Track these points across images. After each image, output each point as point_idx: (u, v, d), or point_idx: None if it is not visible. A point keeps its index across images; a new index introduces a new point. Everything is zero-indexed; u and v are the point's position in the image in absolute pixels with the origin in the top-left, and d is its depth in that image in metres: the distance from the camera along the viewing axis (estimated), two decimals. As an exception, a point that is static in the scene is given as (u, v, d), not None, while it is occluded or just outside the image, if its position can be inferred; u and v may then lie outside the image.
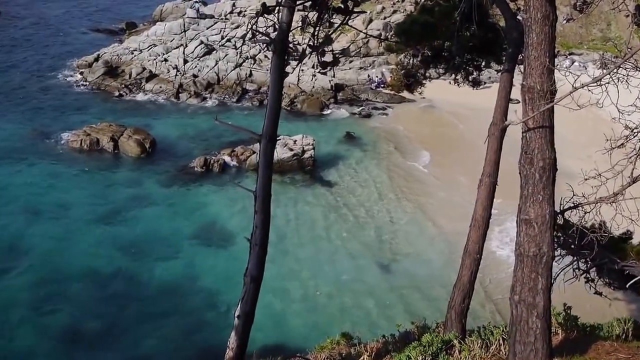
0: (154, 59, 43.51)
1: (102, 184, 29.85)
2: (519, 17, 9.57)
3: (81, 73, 43.10)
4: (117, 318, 21.11)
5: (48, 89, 40.85)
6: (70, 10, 59.24)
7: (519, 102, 7.03)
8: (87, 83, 41.90)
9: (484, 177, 9.69)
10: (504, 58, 10.46)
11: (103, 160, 32.09)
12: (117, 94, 40.57)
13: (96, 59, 43.90)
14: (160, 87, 41.33)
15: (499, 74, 10.28)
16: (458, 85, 12.61)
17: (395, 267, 24.64)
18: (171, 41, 45.19)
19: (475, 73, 12.26)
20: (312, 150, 32.28)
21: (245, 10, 48.37)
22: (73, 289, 22.44)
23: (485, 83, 13.57)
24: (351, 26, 9.33)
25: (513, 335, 6.95)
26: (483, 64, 12.09)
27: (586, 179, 7.31)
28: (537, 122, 6.42)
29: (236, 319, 6.93)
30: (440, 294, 22.58)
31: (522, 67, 6.86)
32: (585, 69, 41.61)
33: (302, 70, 41.56)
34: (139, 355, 19.59)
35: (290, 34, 7.45)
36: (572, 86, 6.08)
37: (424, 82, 13.31)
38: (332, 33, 8.70)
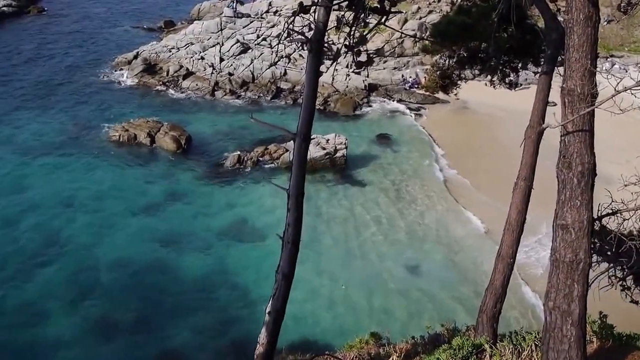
0: (191, 57, 44.11)
1: (139, 179, 30.42)
2: (559, 18, 9.41)
3: (121, 70, 43.98)
4: (150, 310, 21.51)
5: (89, 85, 41.79)
6: (112, 8, 60.48)
7: (556, 104, 6.90)
8: (127, 79, 42.72)
9: (519, 180, 9.55)
10: (542, 60, 10.29)
11: (140, 155, 32.69)
12: (155, 90, 41.29)
13: (135, 56, 44.75)
14: (197, 84, 41.89)
15: (537, 75, 10.11)
16: (494, 86, 12.44)
17: (425, 268, 24.49)
18: (208, 40, 45.73)
19: (512, 75, 12.09)
20: (345, 150, 32.28)
21: (281, 10, 48.64)
22: (109, 280, 22.94)
23: (521, 85, 13.37)
24: (387, 26, 9.31)
25: (547, 342, 6.83)
26: (520, 65, 11.92)
27: (626, 185, 7.14)
28: (576, 126, 6.29)
29: (267, 315, 6.99)
30: (469, 296, 22.41)
31: (561, 69, 6.74)
32: (626, 71, 40.58)
33: (336, 69, 41.61)
34: (171, 347, 19.92)
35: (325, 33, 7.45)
36: (615, 89, 5.94)
37: (459, 83, 13.20)
38: (368, 33, 8.70)
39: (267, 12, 49.07)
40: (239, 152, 32.53)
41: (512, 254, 9.67)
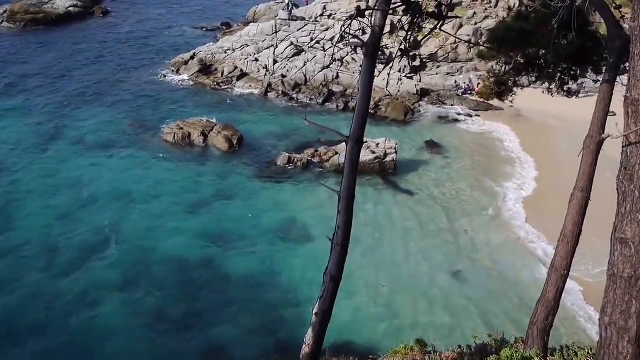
0: (246, 59, 44.82)
1: (191, 176, 31.11)
2: (623, 25, 9.12)
3: (177, 70, 45.11)
4: (198, 305, 21.94)
5: (146, 84, 43.04)
6: (171, 10, 62.12)
7: (616, 114, 6.69)
8: (182, 79, 43.79)
9: (576, 191, 9.30)
10: (603, 68, 9.99)
11: (193, 154, 33.42)
12: (209, 90, 42.16)
13: (192, 57, 45.82)
14: (250, 85, 42.53)
15: (597, 84, 9.83)
16: (551, 94, 12.15)
17: (472, 276, 24.07)
18: (263, 42, 46.35)
19: (570, 82, 11.79)
20: (394, 154, 32.11)
21: (336, 13, 48.79)
22: (160, 274, 23.54)
23: (578, 93, 13.05)
24: (442, 30, 9.24)
25: (601, 358, 6.63)
26: (579, 73, 11.61)
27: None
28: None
29: (314, 316, 7.03)
30: (517, 307, 21.92)
31: (623, 78, 6.53)
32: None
33: (388, 74, 41.43)
34: (217, 343, 20.27)
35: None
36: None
37: (514, 90, 12.97)
38: (424, 38, 8.66)
39: (321, 15, 49.32)
40: (289, 153, 32.86)
41: (566, 266, 9.41)
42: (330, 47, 44.33)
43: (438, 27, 7.82)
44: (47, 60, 46.58)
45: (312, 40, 45.82)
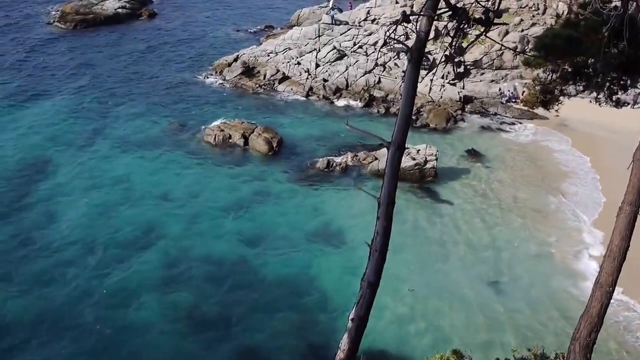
0: (288, 62, 45.10)
1: (231, 178, 31.45)
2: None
3: (220, 72, 45.70)
4: (234, 305, 22.14)
5: (189, 85, 43.75)
6: (216, 13, 63.02)
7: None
8: (225, 81, 44.35)
9: (624, 204, 9.03)
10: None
11: (233, 155, 33.79)
12: (251, 93, 42.59)
13: (235, 59, 46.37)
14: (292, 88, 42.78)
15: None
16: (599, 104, 11.86)
17: (511, 287, 23.58)
18: (305, 45, 46.58)
19: (619, 93, 11.47)
20: (435, 161, 31.76)
21: (379, 18, 48.69)
22: (197, 273, 23.85)
23: (628, 104, 12.69)
24: (488, 37, 9.11)
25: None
26: (629, 83, 11.28)
27: None
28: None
29: (350, 321, 7.02)
30: (558, 322, 21.41)
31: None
32: None
33: (431, 80, 41.10)
34: (251, 344, 20.40)
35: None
36: None
37: (561, 99, 12.70)
38: (470, 45, 8.54)
39: (364, 20, 49.28)
40: (328, 157, 32.89)
41: (611, 283, 9.14)
42: (373, 52, 44.23)
43: (484, 33, 7.71)
44: (95, 59, 47.85)
45: (354, 44, 45.79)
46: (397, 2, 49.81)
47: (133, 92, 42.06)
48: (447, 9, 7.47)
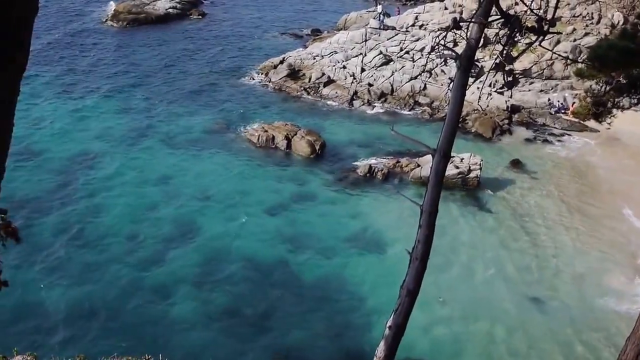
0: (334, 66, 45.17)
1: (272, 179, 31.67)
2: None
3: (266, 74, 46.10)
4: (269, 306, 22.27)
5: (235, 86, 44.32)
6: (265, 15, 63.67)
7: None
8: (270, 83, 44.71)
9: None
10: None
11: (275, 157, 34.03)
12: (296, 95, 42.84)
13: (281, 61, 46.72)
14: (336, 92, 42.82)
15: None
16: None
17: (553, 305, 22.96)
18: (351, 49, 46.58)
19: (677, 106, 11.07)
20: (479, 171, 31.27)
21: (427, 24, 48.32)
22: (234, 272, 24.10)
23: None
24: (541, 46, 8.92)
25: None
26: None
27: None
28: None
29: (387, 329, 6.94)
30: (602, 343, 20.74)
31: None
32: None
33: (478, 87, 40.51)
34: (284, 345, 20.47)
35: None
36: None
37: (614, 111, 12.36)
38: (521, 54, 8.36)
39: (412, 25, 48.99)
40: (370, 162, 32.78)
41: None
42: (420, 58, 43.89)
43: (537, 42, 7.54)
44: (144, 57, 48.98)
45: (401, 50, 45.55)
46: (445, 9, 49.36)
47: (180, 91, 42.86)
48: (499, 17, 7.35)
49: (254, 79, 45.56)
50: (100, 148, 33.87)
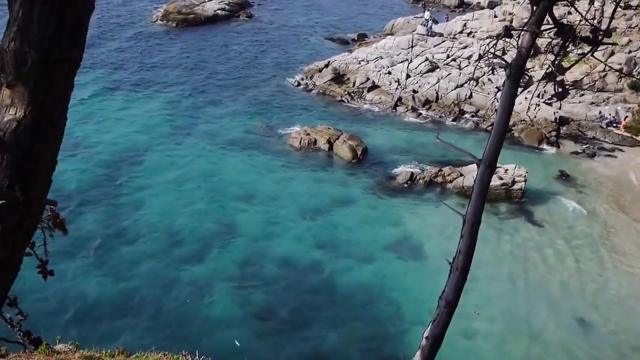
0: (379, 71, 45.00)
1: (313, 182, 31.73)
2: None
3: (311, 77, 46.27)
4: (303, 309, 22.28)
5: (279, 88, 44.62)
6: (311, 19, 63.96)
7: None
8: (314, 87, 44.85)
9: None
10: None
11: (317, 160, 34.08)
12: (339, 99, 42.84)
13: (326, 65, 46.81)
14: (380, 98, 42.65)
15: None
16: None
17: (597, 327, 22.20)
18: (397, 55, 46.33)
19: None
20: (523, 183, 30.60)
21: (476, 32, 47.67)
22: (270, 273, 24.21)
23: None
24: (595, 57, 8.64)
25: None
26: None
27: None
28: None
29: (424, 339, 6.81)
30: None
31: None
32: None
33: (526, 97, 39.70)
34: (317, 349, 20.43)
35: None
36: None
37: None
38: (574, 64, 8.13)
39: (460, 32, 48.42)
40: (412, 170, 32.49)
41: None
42: (467, 66, 43.31)
43: (590, 53, 7.32)
44: (191, 57, 49.81)
45: (448, 57, 45.06)
46: (495, 16, 48.61)
47: (225, 91, 43.43)
48: (552, 26, 7.16)
49: (298, 82, 45.77)
50: (145, 144, 34.59)
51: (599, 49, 7.68)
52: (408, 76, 43.97)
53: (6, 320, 5.23)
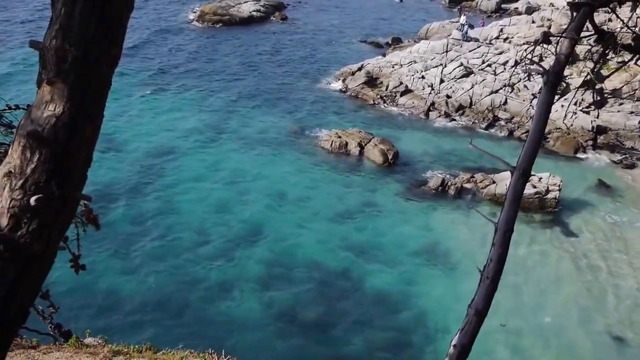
0: (412, 75, 44.73)
1: (343, 185, 31.68)
2: None
3: (343, 80, 46.21)
4: (329, 313, 22.23)
5: (311, 90, 44.70)
6: (346, 22, 63.93)
7: None
8: (347, 90, 44.78)
9: None
10: None
11: (347, 163, 34.03)
12: (371, 103, 42.71)
13: (359, 69, 46.73)
14: (413, 102, 42.36)
15: None
16: None
17: (633, 344, 21.55)
18: (432, 59, 45.96)
19: None
20: (558, 192, 30.02)
21: (512, 37, 46.98)
22: (297, 275, 24.24)
23: None
24: (637, 64, 8.44)
25: None
26: None
27: None
28: None
29: (452, 347, 6.72)
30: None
31: None
32: None
33: (562, 105, 38.96)
34: (341, 354, 20.35)
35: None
36: None
37: None
38: (614, 72, 7.95)
39: (496, 38, 47.78)
40: (443, 175, 32.18)
41: None
42: (502, 72, 42.72)
43: (633, 61, 7.13)
44: (226, 58, 50.26)
45: (483, 62, 44.51)
46: (533, 22, 47.85)
47: (257, 92, 43.70)
48: (592, 33, 7.01)
49: (330, 85, 45.79)
50: (178, 144, 35.02)
51: (640, 57, 7.48)
52: (442, 81, 43.59)
53: (38, 312, 5.33)
